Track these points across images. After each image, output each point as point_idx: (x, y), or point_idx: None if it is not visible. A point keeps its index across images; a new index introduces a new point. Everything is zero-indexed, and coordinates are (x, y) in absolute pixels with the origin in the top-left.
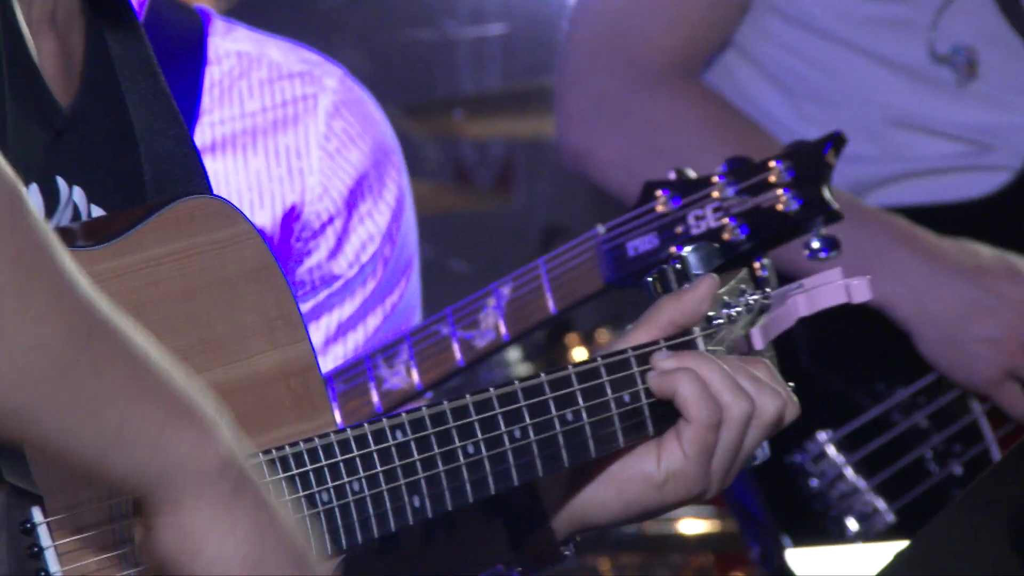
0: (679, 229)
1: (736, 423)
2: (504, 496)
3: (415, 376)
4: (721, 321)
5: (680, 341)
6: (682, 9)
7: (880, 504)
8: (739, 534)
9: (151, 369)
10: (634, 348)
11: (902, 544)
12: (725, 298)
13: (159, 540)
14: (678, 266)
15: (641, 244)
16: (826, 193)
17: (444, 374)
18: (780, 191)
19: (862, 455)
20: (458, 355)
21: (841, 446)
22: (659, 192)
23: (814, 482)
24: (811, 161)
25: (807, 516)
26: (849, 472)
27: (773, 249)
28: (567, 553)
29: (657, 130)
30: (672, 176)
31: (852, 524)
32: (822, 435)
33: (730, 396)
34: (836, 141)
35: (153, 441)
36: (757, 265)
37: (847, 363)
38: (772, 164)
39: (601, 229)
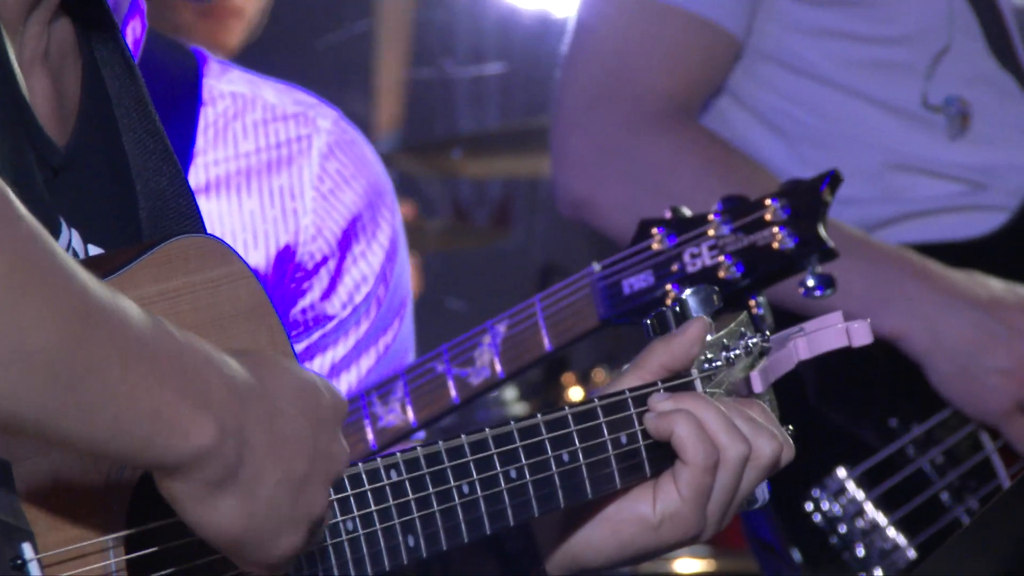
0: (675, 267)
1: (732, 465)
2: (498, 536)
3: (410, 413)
4: (720, 364)
5: (678, 383)
6: (679, 53)
7: (900, 540)
8: (755, 572)
9: (146, 356)
10: (631, 389)
11: None
12: (724, 340)
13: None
14: (677, 309)
15: (636, 282)
16: (822, 231)
17: (439, 411)
18: (776, 229)
19: (881, 491)
20: (453, 392)
21: (860, 482)
22: (655, 230)
23: (835, 519)
24: (807, 199)
25: (827, 552)
26: (869, 508)
27: (769, 287)
28: None
29: (661, 173)
30: (668, 214)
31: (873, 561)
32: (841, 471)
33: (726, 438)
34: (832, 179)
35: (146, 431)
36: (752, 303)
37: (857, 399)
38: (768, 202)
39: (597, 267)
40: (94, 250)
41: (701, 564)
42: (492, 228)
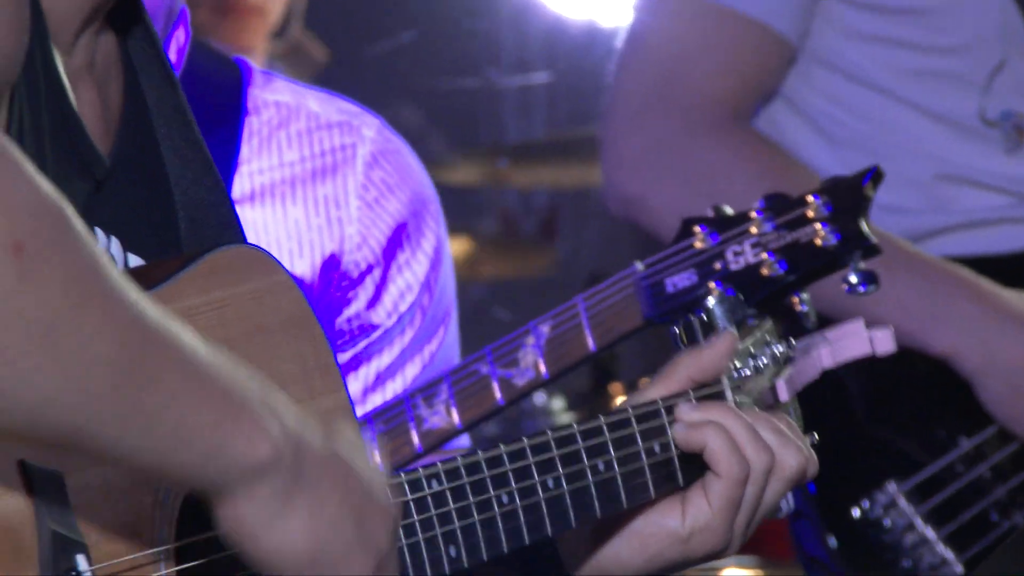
0: (717, 265)
1: (758, 477)
2: (523, 550)
3: (455, 415)
4: (749, 373)
5: (708, 392)
6: (735, 57)
7: (949, 555)
8: None
9: (202, 371)
10: (664, 399)
11: None
12: (752, 349)
13: (223, 526)
14: (704, 317)
15: (680, 280)
16: (864, 227)
17: (484, 413)
18: (818, 225)
19: (930, 506)
20: (498, 394)
21: (910, 496)
22: (697, 228)
23: (885, 533)
24: (849, 195)
25: (876, 565)
26: (919, 523)
27: (812, 283)
28: None
29: (715, 178)
30: (710, 213)
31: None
32: (891, 485)
33: (752, 450)
34: (874, 175)
35: (208, 442)
36: (796, 300)
37: (906, 413)
38: (810, 199)
39: (640, 266)
40: (134, 259)
41: (749, 574)
42: (539, 239)
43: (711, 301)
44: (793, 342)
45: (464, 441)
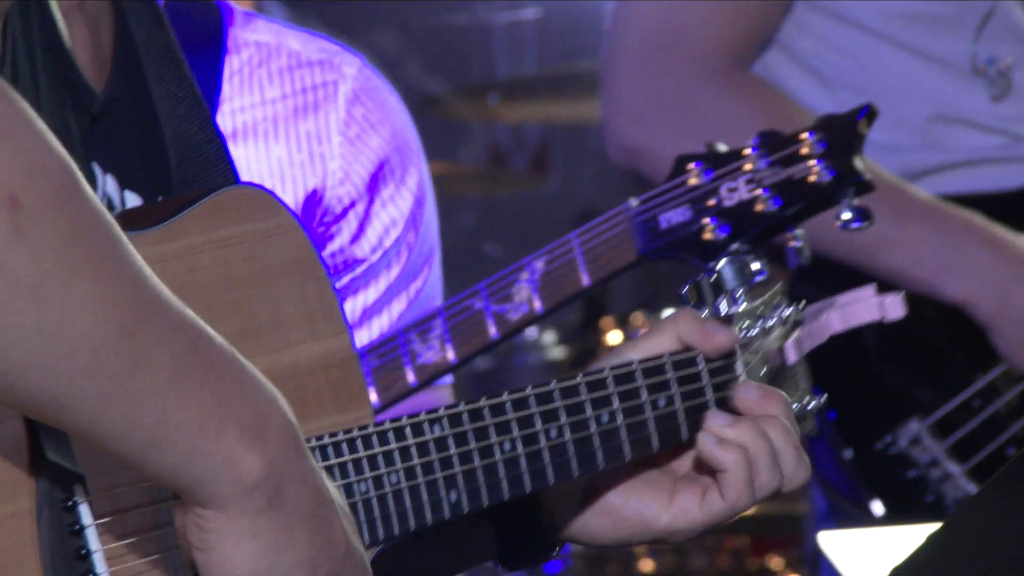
0: (711, 201)
1: (760, 498)
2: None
3: (449, 350)
4: (756, 333)
5: (721, 362)
6: (736, 3)
7: (972, 489)
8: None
9: (199, 365)
10: (671, 354)
11: (935, 526)
12: (760, 310)
13: (186, 527)
14: (712, 278)
15: (674, 216)
16: (858, 163)
17: (478, 347)
18: (812, 162)
19: (952, 442)
20: (492, 329)
21: (932, 432)
22: (691, 165)
23: (910, 468)
24: (843, 132)
25: (900, 495)
26: (942, 457)
27: (806, 220)
28: (554, 555)
29: (721, 126)
30: (703, 149)
31: (944, 509)
32: (914, 422)
33: (767, 476)
34: (868, 112)
35: (190, 446)
36: (790, 236)
37: (920, 353)
38: (804, 136)
39: (634, 202)
40: (130, 196)
41: None
42: (530, 174)
43: (721, 262)
44: (802, 305)
45: (447, 379)
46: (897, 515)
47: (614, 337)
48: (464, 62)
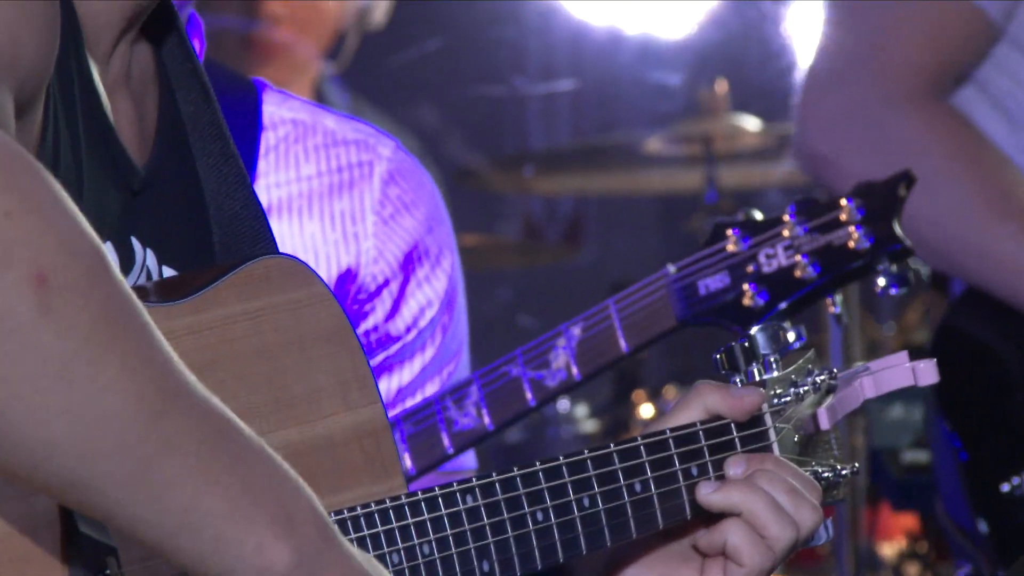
0: (750, 268)
1: (781, 553)
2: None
3: (486, 416)
4: (789, 399)
5: (753, 430)
6: (941, 32)
7: None
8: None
9: (227, 452)
10: (702, 422)
11: None
12: (793, 376)
13: None
14: (746, 344)
15: (712, 283)
16: (897, 229)
17: (515, 414)
18: (852, 228)
19: None
20: (529, 395)
21: None
22: (729, 231)
23: None
24: (882, 198)
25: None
26: None
27: (845, 286)
28: None
29: (908, 151)
30: (740, 216)
31: None
32: None
33: (777, 527)
34: (907, 178)
35: (219, 533)
36: (829, 302)
37: None
38: (843, 203)
39: (672, 268)
40: (168, 271)
41: None
42: (563, 246)
43: (755, 329)
44: (836, 371)
45: (470, 461)
46: (1014, 559)
47: (646, 410)
48: (499, 134)
